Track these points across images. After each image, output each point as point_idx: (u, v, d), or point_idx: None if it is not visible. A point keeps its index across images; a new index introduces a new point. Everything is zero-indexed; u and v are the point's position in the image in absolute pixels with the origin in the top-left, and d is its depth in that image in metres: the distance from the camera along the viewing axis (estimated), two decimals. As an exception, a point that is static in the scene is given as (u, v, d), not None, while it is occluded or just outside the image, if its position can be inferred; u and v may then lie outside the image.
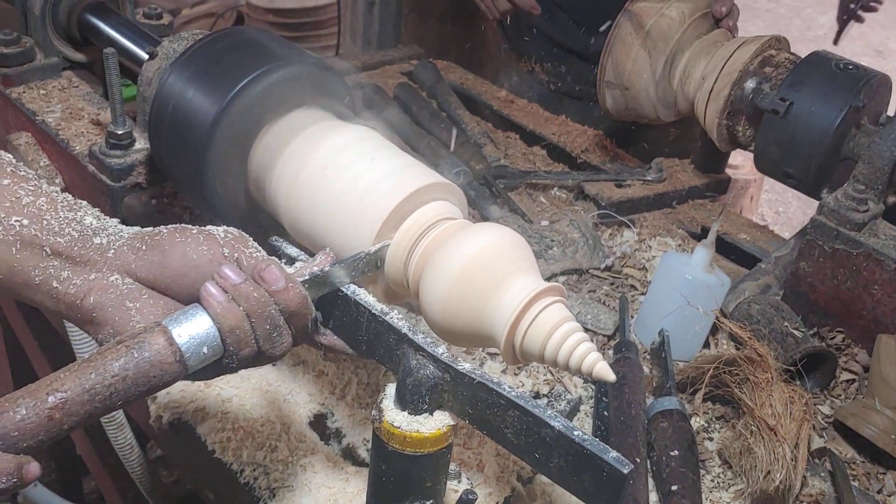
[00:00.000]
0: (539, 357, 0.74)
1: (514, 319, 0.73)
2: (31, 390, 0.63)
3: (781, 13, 6.13)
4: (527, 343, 0.74)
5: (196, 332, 0.68)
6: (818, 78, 1.24)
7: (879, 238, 1.15)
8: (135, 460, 1.28)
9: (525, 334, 0.73)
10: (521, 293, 0.73)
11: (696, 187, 1.54)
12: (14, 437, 0.61)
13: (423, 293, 0.78)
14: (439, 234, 0.80)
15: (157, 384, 0.67)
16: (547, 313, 0.73)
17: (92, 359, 0.66)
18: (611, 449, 0.64)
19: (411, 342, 0.73)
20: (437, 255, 0.78)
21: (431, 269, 0.77)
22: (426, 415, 0.72)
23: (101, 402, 0.65)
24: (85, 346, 1.16)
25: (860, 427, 1.07)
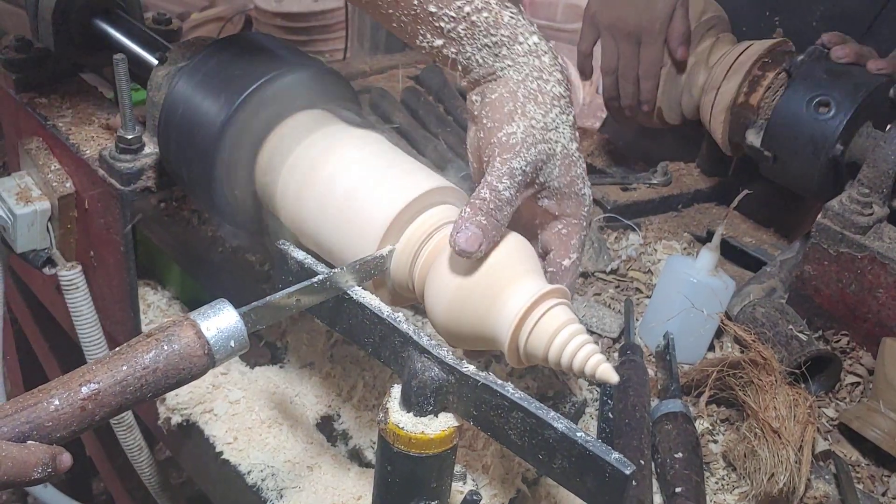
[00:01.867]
0: (543, 359, 0.74)
1: (517, 322, 0.74)
2: (65, 381, 0.65)
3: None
4: (530, 346, 0.74)
5: (223, 325, 0.70)
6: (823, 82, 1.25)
7: (884, 241, 1.15)
8: (144, 461, 1.29)
9: (528, 337, 0.74)
10: (525, 296, 0.74)
11: (702, 190, 1.55)
12: (48, 427, 0.63)
13: (428, 296, 0.79)
14: (444, 237, 0.80)
15: (186, 377, 0.69)
16: (550, 316, 0.74)
17: (122, 351, 0.67)
18: (613, 450, 0.65)
19: (416, 344, 0.74)
20: (441, 258, 0.78)
21: (436, 272, 0.78)
22: (431, 416, 0.73)
23: (132, 393, 0.66)
24: (95, 347, 1.18)
25: (865, 430, 1.08)
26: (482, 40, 0.78)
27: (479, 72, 0.80)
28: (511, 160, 0.76)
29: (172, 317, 1.19)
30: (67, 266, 1.14)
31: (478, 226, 0.74)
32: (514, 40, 0.78)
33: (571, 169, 0.81)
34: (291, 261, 0.81)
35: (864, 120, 1.24)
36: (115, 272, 1.11)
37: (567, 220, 0.83)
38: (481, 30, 0.77)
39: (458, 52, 0.79)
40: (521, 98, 0.78)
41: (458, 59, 0.80)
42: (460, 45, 0.78)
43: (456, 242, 0.74)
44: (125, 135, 1.01)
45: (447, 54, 0.80)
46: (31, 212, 1.12)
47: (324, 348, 1.12)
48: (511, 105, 0.78)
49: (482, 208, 0.75)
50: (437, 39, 0.79)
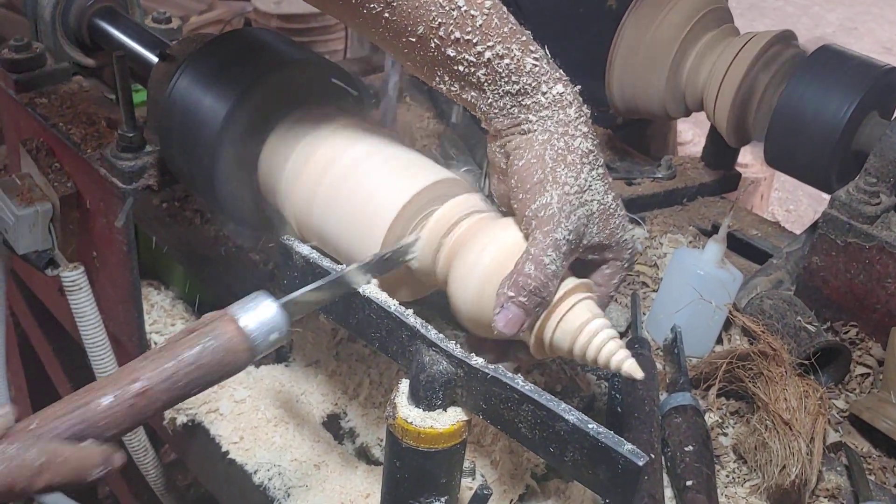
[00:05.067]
0: (568, 352, 0.75)
1: (544, 316, 0.74)
2: (114, 379, 0.66)
3: (789, 11, 6.11)
4: (556, 339, 0.75)
5: (263, 318, 0.70)
6: (827, 72, 1.24)
7: (892, 231, 1.15)
8: (149, 463, 1.28)
9: (555, 330, 0.75)
10: None
11: (707, 184, 1.54)
12: (101, 426, 0.64)
13: (454, 284, 0.79)
14: (471, 225, 0.81)
15: (231, 370, 0.70)
16: (578, 309, 0.75)
17: (167, 347, 0.68)
18: (626, 442, 0.64)
19: (424, 338, 0.73)
20: (469, 246, 0.79)
21: (463, 260, 0.78)
22: (440, 410, 0.72)
23: (179, 389, 0.67)
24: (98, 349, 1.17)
25: (876, 421, 1.07)
26: (503, 87, 0.75)
27: (502, 122, 0.78)
28: (552, 232, 0.75)
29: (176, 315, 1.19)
30: (70, 267, 1.13)
31: (520, 306, 0.74)
32: (538, 89, 0.76)
33: (610, 221, 0.80)
34: (296, 255, 0.80)
35: (870, 109, 1.24)
36: (118, 272, 1.10)
37: (610, 264, 0.83)
38: (503, 76, 0.75)
39: (479, 98, 0.77)
40: (550, 162, 0.76)
41: (477, 105, 0.78)
42: (480, 91, 0.76)
43: (496, 321, 0.74)
44: (126, 133, 1.01)
45: (467, 98, 0.78)
46: (33, 213, 1.11)
47: (329, 346, 1.11)
48: (541, 173, 0.76)
49: (525, 287, 0.73)
50: (455, 83, 0.77)
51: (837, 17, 6.13)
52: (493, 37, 0.74)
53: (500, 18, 0.74)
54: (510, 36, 0.75)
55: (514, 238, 0.78)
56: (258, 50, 0.91)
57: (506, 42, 0.74)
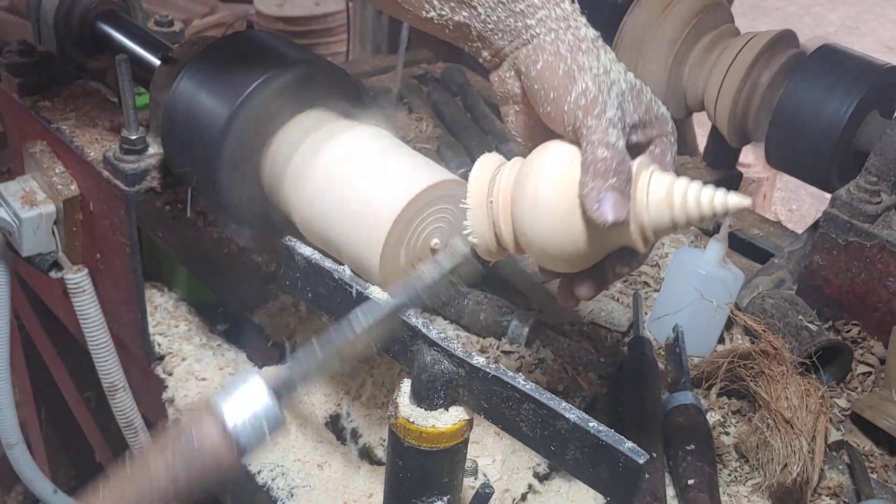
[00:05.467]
0: (671, 223, 0.70)
1: (632, 203, 0.70)
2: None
3: (791, 11, 6.11)
4: (654, 216, 0.70)
5: (250, 411, 0.64)
6: (827, 71, 1.24)
7: (893, 230, 1.15)
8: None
9: (648, 207, 0.70)
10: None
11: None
12: None
13: (525, 226, 0.73)
14: (511, 169, 0.76)
15: (217, 475, 0.64)
16: (655, 181, 0.70)
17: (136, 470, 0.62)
18: (626, 440, 0.64)
19: (426, 338, 0.73)
20: (522, 184, 0.73)
21: (523, 197, 0.73)
22: (441, 410, 0.73)
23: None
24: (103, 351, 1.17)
25: (877, 419, 1.07)
26: (509, 7, 0.73)
27: (502, 38, 0.75)
28: (604, 113, 0.70)
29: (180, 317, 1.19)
30: (74, 269, 1.14)
31: (614, 189, 0.68)
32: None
33: (641, 97, 0.75)
34: (298, 257, 0.81)
35: (870, 108, 1.24)
36: (122, 274, 1.11)
37: (656, 142, 0.78)
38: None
39: (472, 17, 0.74)
40: (568, 54, 0.72)
41: (472, 27, 0.75)
42: (472, 9, 0.73)
43: (603, 214, 0.68)
44: (129, 135, 1.01)
45: (459, 20, 0.75)
46: (37, 215, 1.11)
47: (332, 347, 1.11)
48: (564, 66, 0.72)
49: (609, 168, 0.68)
50: (445, 5, 0.74)
51: (839, 17, 6.12)
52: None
53: None
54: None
55: (560, 151, 0.73)
56: (260, 52, 0.92)
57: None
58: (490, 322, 1.13)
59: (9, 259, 1.23)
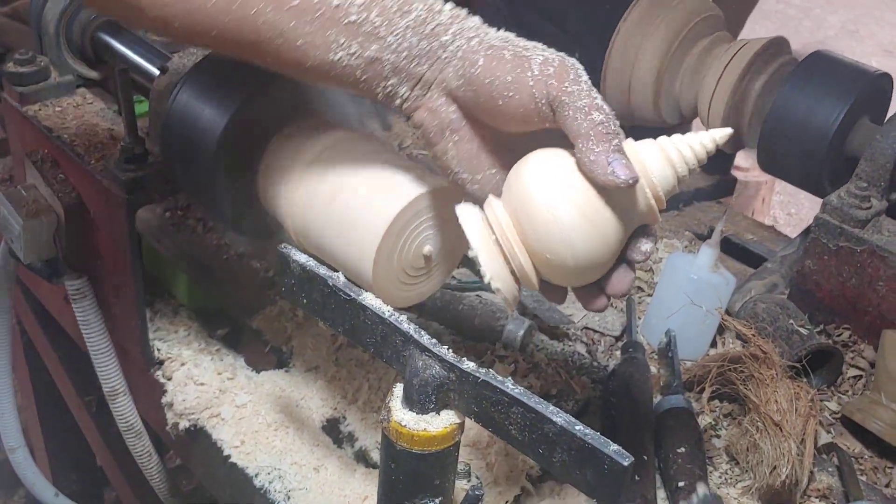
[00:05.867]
0: (675, 179, 0.70)
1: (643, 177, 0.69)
2: None
3: (790, 14, 6.12)
4: (659, 176, 0.70)
5: None
6: (818, 78, 1.26)
7: (883, 235, 1.16)
8: (154, 468, 1.30)
9: (651, 171, 0.69)
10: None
11: (703, 189, 1.56)
12: None
13: (558, 257, 0.70)
14: (499, 214, 0.72)
15: None
16: (647, 150, 0.70)
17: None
18: (611, 443, 0.66)
19: (417, 343, 0.74)
20: (533, 218, 0.69)
21: (545, 231, 0.69)
22: (433, 414, 0.74)
23: None
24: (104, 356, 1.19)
25: (867, 422, 1.08)
26: (401, 22, 0.69)
27: (422, 65, 0.70)
28: (580, 78, 0.67)
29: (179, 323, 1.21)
30: (74, 276, 1.15)
31: (619, 150, 0.65)
32: (432, 10, 0.70)
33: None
34: (294, 264, 0.82)
35: (860, 114, 1.25)
36: (122, 280, 1.13)
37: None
38: (395, 9, 0.69)
39: (383, 49, 0.69)
40: (501, 43, 0.69)
41: (384, 59, 0.70)
42: (381, 40, 0.69)
43: (619, 176, 0.64)
44: (129, 144, 1.03)
45: (371, 56, 0.69)
46: (38, 223, 1.13)
47: (329, 352, 1.13)
48: (508, 52, 0.68)
49: (608, 131, 0.65)
50: (353, 42, 0.69)
51: (839, 20, 6.13)
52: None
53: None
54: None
55: (544, 162, 0.70)
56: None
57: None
58: (484, 327, 1.15)
59: (11, 266, 1.25)
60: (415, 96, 0.73)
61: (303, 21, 0.69)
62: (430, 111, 0.73)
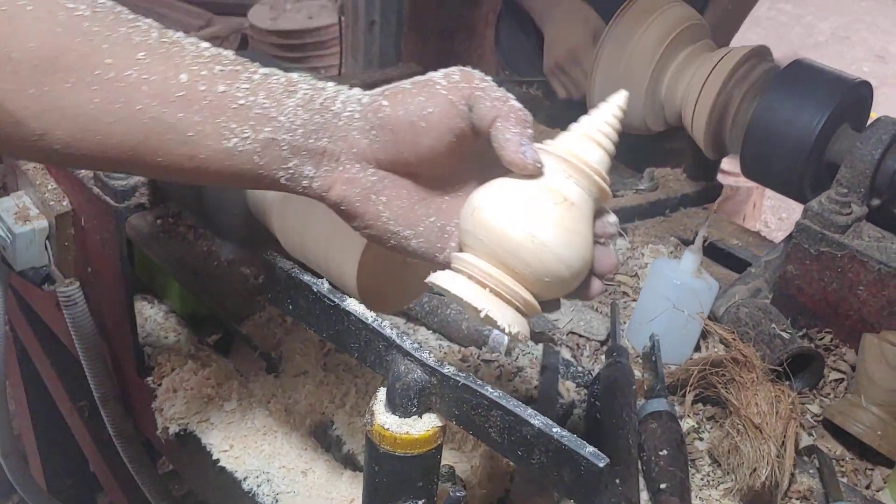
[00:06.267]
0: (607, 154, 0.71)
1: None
2: None
3: (782, 20, 6.16)
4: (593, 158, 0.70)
5: None
6: (799, 85, 1.28)
7: (863, 240, 1.18)
8: (145, 472, 1.32)
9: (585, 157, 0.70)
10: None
11: (689, 195, 1.57)
12: None
13: (554, 278, 0.69)
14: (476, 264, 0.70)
15: None
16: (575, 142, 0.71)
17: None
18: (587, 444, 0.67)
19: (400, 348, 0.76)
20: (518, 254, 0.68)
21: (535, 261, 0.68)
22: (415, 417, 0.75)
23: None
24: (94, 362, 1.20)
25: (847, 424, 1.10)
26: (289, 100, 0.67)
27: (322, 139, 0.68)
28: (484, 78, 0.68)
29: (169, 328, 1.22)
30: (66, 282, 1.17)
31: (531, 139, 0.67)
32: (314, 87, 0.69)
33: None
34: (279, 271, 0.84)
35: (841, 121, 1.27)
36: (113, 287, 1.14)
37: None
38: (280, 88, 0.67)
39: (278, 130, 0.67)
40: (390, 87, 0.69)
41: (280, 140, 0.67)
42: (273, 120, 0.67)
43: (526, 157, 0.66)
44: (119, 153, 1.04)
45: (266, 138, 0.67)
46: (30, 230, 1.15)
47: (317, 357, 1.14)
48: (403, 85, 0.68)
49: (525, 119, 0.67)
50: (246, 126, 0.66)
51: (830, 26, 6.17)
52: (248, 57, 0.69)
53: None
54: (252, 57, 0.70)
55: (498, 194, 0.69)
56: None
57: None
58: (471, 331, 1.16)
59: (3, 273, 1.26)
60: (324, 173, 0.70)
61: (191, 111, 0.66)
62: (348, 182, 0.70)
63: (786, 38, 5.83)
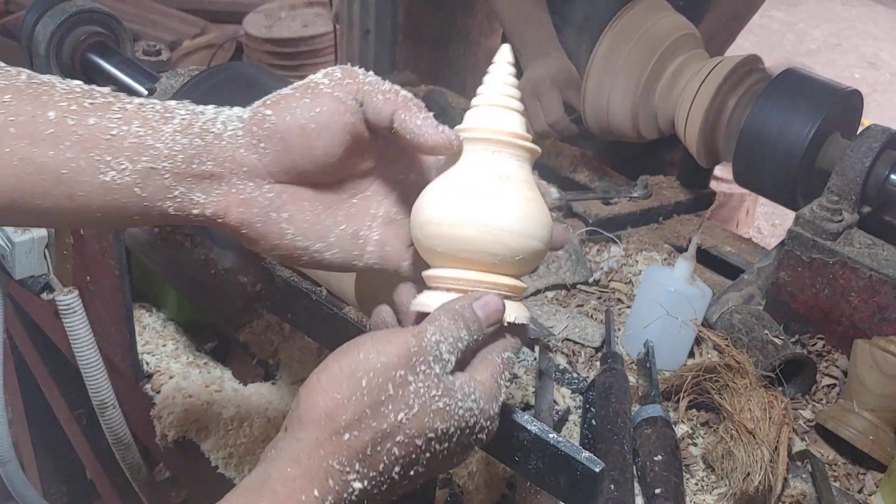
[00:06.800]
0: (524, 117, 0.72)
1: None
2: None
3: (774, 28, 6.19)
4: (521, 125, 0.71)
5: None
6: (791, 94, 1.29)
7: (854, 247, 1.19)
8: (142, 479, 1.32)
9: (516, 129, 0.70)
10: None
11: (682, 202, 1.59)
12: None
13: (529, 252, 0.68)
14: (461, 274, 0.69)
15: None
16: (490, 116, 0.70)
17: None
18: (583, 450, 0.68)
19: (398, 355, 0.77)
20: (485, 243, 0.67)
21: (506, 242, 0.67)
22: (413, 424, 0.76)
23: None
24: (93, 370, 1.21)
25: (839, 429, 1.11)
26: (166, 128, 0.64)
27: (206, 163, 0.65)
28: (367, 73, 0.67)
29: (167, 336, 1.23)
30: (64, 291, 1.17)
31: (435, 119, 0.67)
32: (195, 111, 0.66)
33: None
34: (278, 279, 0.85)
35: (832, 130, 1.29)
36: (111, 296, 1.15)
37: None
38: (156, 119, 0.65)
39: (156, 159, 0.64)
40: (271, 96, 0.66)
41: (160, 169, 0.64)
42: (149, 149, 0.63)
43: (449, 135, 0.66)
44: (118, 163, 1.05)
45: (145, 168, 0.63)
46: (29, 239, 1.15)
47: (315, 364, 1.14)
48: (284, 91, 0.66)
49: (421, 105, 0.67)
50: (120, 157, 0.63)
51: (822, 34, 6.21)
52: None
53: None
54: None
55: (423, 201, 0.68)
56: (240, 83, 0.96)
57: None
58: (467, 339, 1.17)
59: (2, 281, 1.27)
60: (216, 198, 0.66)
61: (62, 148, 0.62)
62: (244, 203, 0.66)
63: (778, 45, 5.87)
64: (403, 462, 0.60)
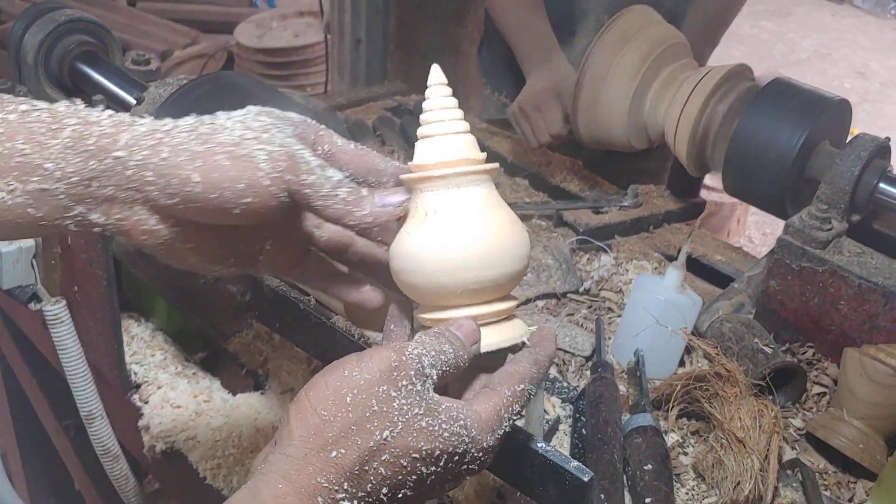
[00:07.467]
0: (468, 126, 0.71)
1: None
2: None
3: (764, 38, 6.23)
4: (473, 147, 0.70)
5: None
6: (779, 103, 1.30)
7: (844, 255, 1.19)
8: (130, 491, 1.31)
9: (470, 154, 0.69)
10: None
11: (672, 211, 1.59)
12: None
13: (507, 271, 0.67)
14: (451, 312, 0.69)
15: None
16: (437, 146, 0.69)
17: None
18: (572, 459, 0.68)
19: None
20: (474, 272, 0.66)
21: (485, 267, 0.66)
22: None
23: None
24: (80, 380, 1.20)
25: (830, 438, 1.11)
26: (54, 143, 0.60)
27: (105, 187, 0.61)
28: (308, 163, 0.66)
29: (156, 347, 1.23)
30: (52, 301, 1.17)
31: (368, 194, 0.67)
32: (88, 121, 0.62)
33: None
34: (266, 289, 0.85)
35: (820, 139, 1.29)
36: (99, 306, 1.14)
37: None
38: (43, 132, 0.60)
39: (46, 179, 0.60)
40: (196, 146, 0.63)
41: (53, 190, 0.60)
42: (38, 168, 0.60)
43: (393, 203, 0.66)
44: (106, 172, 1.05)
45: (36, 189, 0.60)
46: (16, 249, 1.15)
47: (304, 374, 1.15)
48: (217, 159, 0.62)
49: (359, 195, 0.66)
50: (8, 177, 0.59)
51: (812, 44, 6.24)
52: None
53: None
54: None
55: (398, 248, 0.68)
56: (228, 93, 0.96)
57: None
58: (457, 348, 1.17)
59: (-11, 291, 1.26)
60: (116, 221, 0.63)
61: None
62: (147, 234, 0.64)
63: (768, 55, 5.89)
64: (391, 483, 0.60)
